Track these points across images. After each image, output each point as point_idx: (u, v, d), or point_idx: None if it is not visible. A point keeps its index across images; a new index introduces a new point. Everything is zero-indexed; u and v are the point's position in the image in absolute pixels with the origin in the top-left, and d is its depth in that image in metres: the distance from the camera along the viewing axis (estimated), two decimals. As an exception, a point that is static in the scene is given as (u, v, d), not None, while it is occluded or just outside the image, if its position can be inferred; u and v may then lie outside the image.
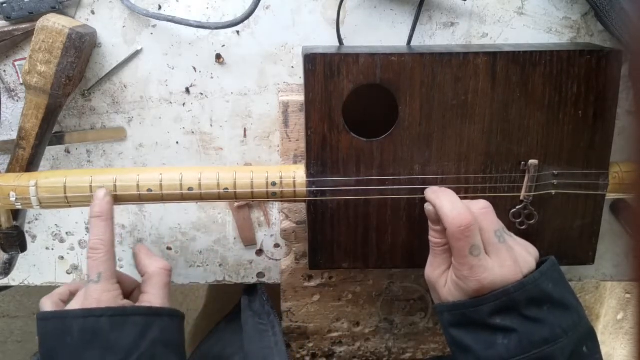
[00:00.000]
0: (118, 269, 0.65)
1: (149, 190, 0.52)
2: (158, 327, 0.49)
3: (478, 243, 0.46)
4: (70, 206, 0.53)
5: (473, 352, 0.47)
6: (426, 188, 0.52)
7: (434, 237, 0.50)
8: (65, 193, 0.52)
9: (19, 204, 0.53)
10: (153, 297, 0.52)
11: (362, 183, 0.53)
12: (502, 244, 0.47)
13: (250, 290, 0.70)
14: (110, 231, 0.51)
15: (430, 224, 0.50)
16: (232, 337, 0.68)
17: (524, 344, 0.45)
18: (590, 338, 0.47)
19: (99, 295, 0.49)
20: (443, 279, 0.49)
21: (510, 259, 0.47)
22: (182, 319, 0.53)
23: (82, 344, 0.47)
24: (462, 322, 0.47)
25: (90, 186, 0.52)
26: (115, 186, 0.52)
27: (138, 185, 0.52)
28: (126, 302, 0.51)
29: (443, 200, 0.48)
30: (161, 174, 0.52)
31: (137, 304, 0.51)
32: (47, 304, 0.52)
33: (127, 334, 0.48)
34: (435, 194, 0.50)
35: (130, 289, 0.56)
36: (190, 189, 0.52)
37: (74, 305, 0.50)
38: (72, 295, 0.54)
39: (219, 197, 0.53)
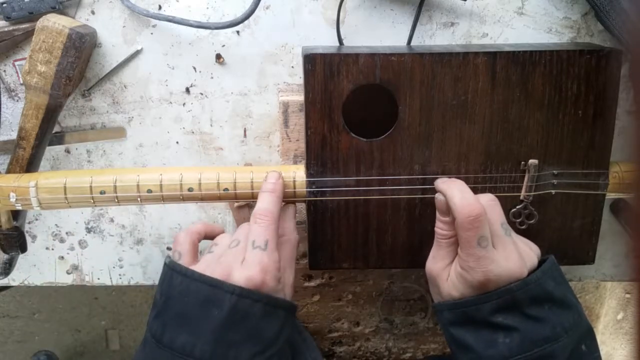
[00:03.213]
0: (118, 269, 0.65)
1: (149, 191, 0.52)
2: (290, 324, 0.47)
3: (486, 234, 0.46)
4: (70, 207, 0.53)
5: (474, 351, 0.47)
6: (426, 188, 0.52)
7: (441, 229, 0.49)
8: (65, 194, 0.52)
9: (19, 204, 0.53)
10: (290, 276, 0.49)
11: (362, 183, 0.53)
12: (507, 237, 0.47)
13: None
14: (278, 208, 0.49)
15: (438, 214, 0.50)
16: None
17: (525, 342, 0.45)
18: (589, 336, 0.47)
19: (266, 265, 0.45)
20: (445, 272, 0.49)
21: (516, 252, 0.47)
22: None
23: (229, 322, 0.43)
24: (463, 320, 0.47)
25: (90, 187, 0.52)
26: (115, 187, 0.52)
27: (138, 186, 0.52)
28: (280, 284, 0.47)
29: (454, 190, 0.48)
30: (161, 175, 0.52)
31: (282, 294, 0.48)
32: (186, 245, 0.49)
33: (272, 326, 0.45)
34: (445, 184, 0.49)
35: None
36: (190, 189, 0.52)
37: (228, 262, 0.46)
38: (206, 237, 0.52)
39: (219, 198, 0.53)
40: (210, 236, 0.52)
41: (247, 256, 0.46)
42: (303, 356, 0.58)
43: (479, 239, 0.45)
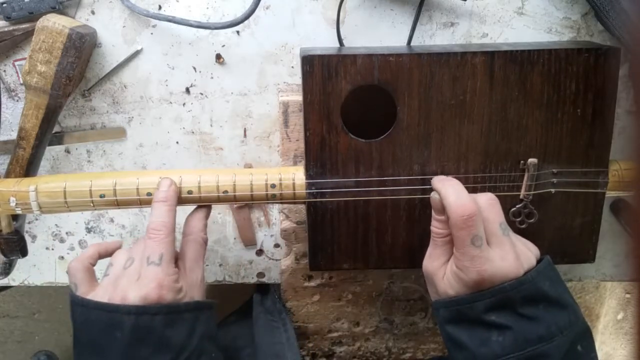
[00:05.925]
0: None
1: (149, 194, 0.52)
2: (204, 322, 0.48)
3: (480, 234, 0.46)
4: (70, 210, 0.53)
5: (468, 349, 0.47)
6: (425, 188, 0.52)
7: (436, 227, 0.50)
8: (65, 198, 0.52)
9: (19, 208, 0.53)
10: (197, 275, 0.50)
11: (362, 184, 0.53)
12: (505, 237, 0.47)
13: (262, 288, 0.70)
14: (173, 217, 0.49)
15: (433, 213, 0.50)
16: (243, 330, 0.68)
17: (518, 341, 0.45)
18: (585, 337, 0.47)
19: (161, 280, 0.46)
20: (442, 271, 0.49)
21: (513, 252, 0.47)
22: (216, 308, 0.52)
23: (134, 341, 0.44)
24: (457, 318, 0.48)
25: (90, 190, 0.52)
26: (114, 190, 0.52)
27: (137, 189, 0.52)
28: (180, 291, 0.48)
29: (448, 189, 0.48)
30: (161, 178, 0.52)
31: (186, 299, 0.48)
32: (79, 275, 0.48)
33: (179, 331, 0.46)
34: (441, 183, 0.50)
35: None
36: (189, 192, 0.52)
37: (124, 285, 0.46)
38: (101, 257, 0.52)
39: (218, 200, 0.53)
40: (105, 255, 0.52)
41: (142, 273, 0.46)
42: (285, 357, 0.58)
43: (472, 238, 0.45)
